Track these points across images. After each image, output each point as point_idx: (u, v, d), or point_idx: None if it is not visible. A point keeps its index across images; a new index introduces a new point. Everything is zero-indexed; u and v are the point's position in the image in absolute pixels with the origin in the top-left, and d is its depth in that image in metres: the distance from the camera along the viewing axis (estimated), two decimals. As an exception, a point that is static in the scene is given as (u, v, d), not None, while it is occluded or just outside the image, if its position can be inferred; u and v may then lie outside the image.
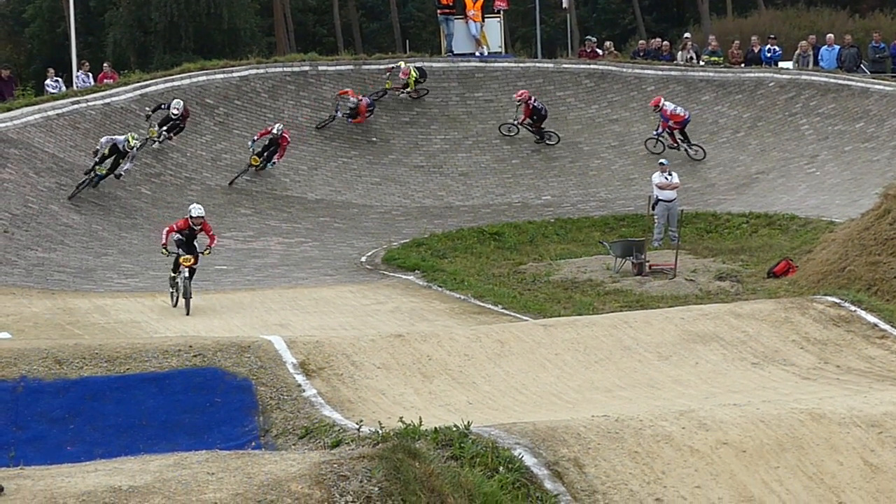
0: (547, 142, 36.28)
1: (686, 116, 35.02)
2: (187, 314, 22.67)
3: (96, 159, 30.03)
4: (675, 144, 35.26)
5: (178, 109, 32.94)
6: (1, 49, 58.59)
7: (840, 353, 17.32)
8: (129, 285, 26.00)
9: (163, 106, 33.23)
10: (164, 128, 32.94)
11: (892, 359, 17.15)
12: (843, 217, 27.10)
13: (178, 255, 23.27)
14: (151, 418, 14.48)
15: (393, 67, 37.11)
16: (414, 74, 36.88)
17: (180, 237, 23.46)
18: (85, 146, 32.00)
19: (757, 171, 34.77)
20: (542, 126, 36.29)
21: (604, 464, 11.65)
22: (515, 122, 36.43)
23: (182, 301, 23.03)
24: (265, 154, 33.41)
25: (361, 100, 35.81)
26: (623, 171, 35.64)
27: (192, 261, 23.18)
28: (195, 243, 23.64)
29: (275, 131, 33.36)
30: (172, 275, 23.43)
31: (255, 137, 33.59)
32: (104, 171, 30.09)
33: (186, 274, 23.07)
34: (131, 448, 13.03)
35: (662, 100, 35.35)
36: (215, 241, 24.25)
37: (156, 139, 32.85)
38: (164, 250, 23.53)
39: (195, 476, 9.88)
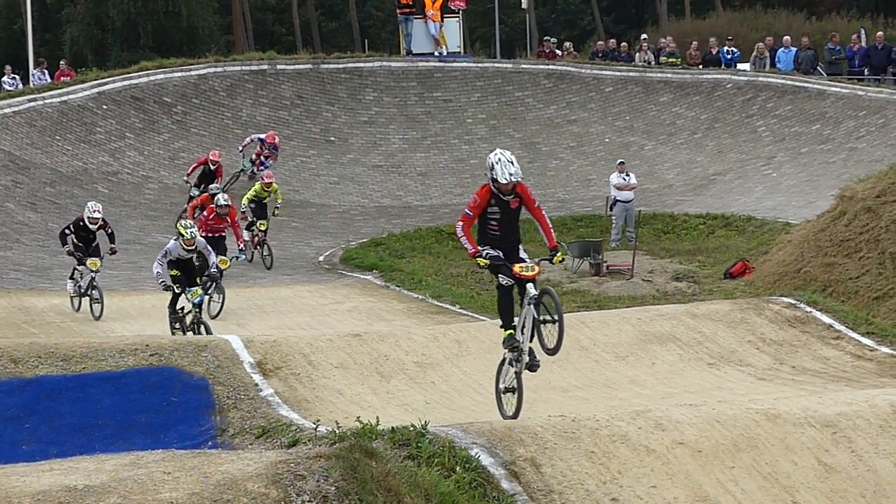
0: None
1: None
2: None
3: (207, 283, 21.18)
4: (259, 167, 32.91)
5: (97, 212, 24.05)
6: (-43, 46, 58.14)
7: (795, 354, 17.40)
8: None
9: (67, 231, 24.12)
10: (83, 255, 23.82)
11: (846, 359, 17.25)
12: (799, 218, 27.26)
13: None
14: (107, 417, 14.41)
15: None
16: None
17: None
18: (41, 144, 31.82)
19: (714, 172, 34.93)
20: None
21: (560, 463, 11.67)
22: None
23: None
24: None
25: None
26: (581, 171, 35.74)
27: None
28: None
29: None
30: None
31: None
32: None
33: None
34: (87, 447, 12.96)
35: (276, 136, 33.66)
36: None
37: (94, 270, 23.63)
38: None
39: (151, 475, 9.84)
